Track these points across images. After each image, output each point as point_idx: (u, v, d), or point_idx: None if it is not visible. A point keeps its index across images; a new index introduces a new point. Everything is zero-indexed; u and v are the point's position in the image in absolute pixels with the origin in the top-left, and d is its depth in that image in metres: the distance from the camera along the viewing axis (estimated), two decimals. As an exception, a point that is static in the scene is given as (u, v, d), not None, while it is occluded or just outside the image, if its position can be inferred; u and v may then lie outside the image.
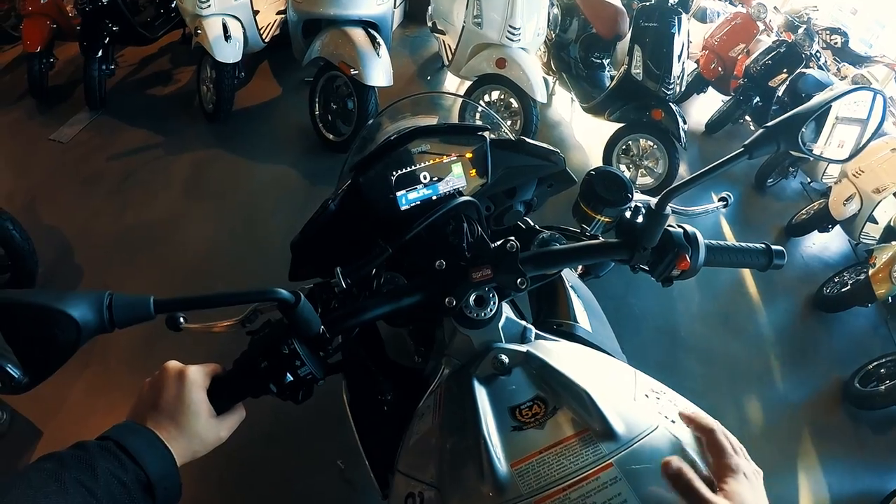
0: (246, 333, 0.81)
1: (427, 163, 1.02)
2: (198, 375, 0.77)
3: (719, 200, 1.02)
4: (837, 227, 3.96)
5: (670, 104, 3.59)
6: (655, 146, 3.75)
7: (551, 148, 1.10)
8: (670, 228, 0.90)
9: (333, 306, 0.87)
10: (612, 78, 4.14)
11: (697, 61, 5.31)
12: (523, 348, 0.83)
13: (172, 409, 0.73)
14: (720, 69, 5.14)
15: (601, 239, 0.96)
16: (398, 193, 1.00)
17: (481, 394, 0.79)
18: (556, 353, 0.85)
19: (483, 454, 0.70)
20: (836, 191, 3.83)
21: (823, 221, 3.97)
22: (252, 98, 4.39)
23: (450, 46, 4.10)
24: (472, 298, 0.86)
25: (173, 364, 0.77)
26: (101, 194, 3.43)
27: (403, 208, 1.00)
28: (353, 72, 3.34)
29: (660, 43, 3.51)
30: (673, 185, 0.85)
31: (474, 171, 1.05)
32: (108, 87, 4.13)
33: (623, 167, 3.94)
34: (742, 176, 4.67)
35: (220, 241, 3.19)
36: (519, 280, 0.86)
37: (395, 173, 0.99)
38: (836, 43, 4.96)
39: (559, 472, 0.68)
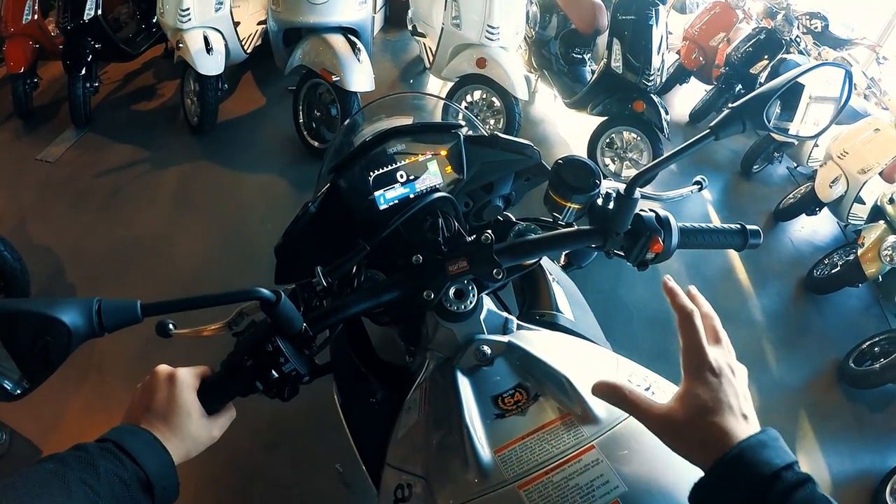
0: (232, 335, 0.83)
1: (403, 162, 1.03)
2: (188, 377, 0.79)
3: (694, 184, 1.04)
4: (825, 209, 3.97)
5: (651, 96, 3.61)
6: (639, 138, 3.77)
7: (525, 142, 1.12)
8: (642, 213, 0.91)
9: (315, 305, 0.88)
10: (593, 72, 4.14)
11: (678, 52, 5.32)
12: (504, 339, 0.85)
13: (165, 411, 0.75)
14: (701, 59, 5.15)
15: (575, 226, 0.97)
16: (376, 193, 1.01)
17: (464, 385, 0.80)
18: (538, 342, 0.86)
19: (466, 443, 0.72)
20: (821, 173, 3.84)
21: (811, 205, 3.98)
22: (237, 109, 4.39)
23: (430, 49, 4.12)
24: (451, 292, 0.88)
25: (163, 367, 0.79)
26: (91, 211, 3.43)
27: (382, 207, 1.01)
28: (334, 78, 3.36)
29: (638, 35, 3.52)
30: (641, 170, 0.87)
31: (450, 167, 1.06)
32: (93, 104, 4.14)
33: (608, 160, 3.96)
34: (728, 163, 4.70)
35: (210, 252, 3.20)
36: (495, 271, 0.88)
37: (372, 173, 1.01)
38: (816, 27, 4.92)
39: (542, 456, 0.70)
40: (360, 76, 3.41)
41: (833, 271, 3.49)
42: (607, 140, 3.91)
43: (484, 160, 1.09)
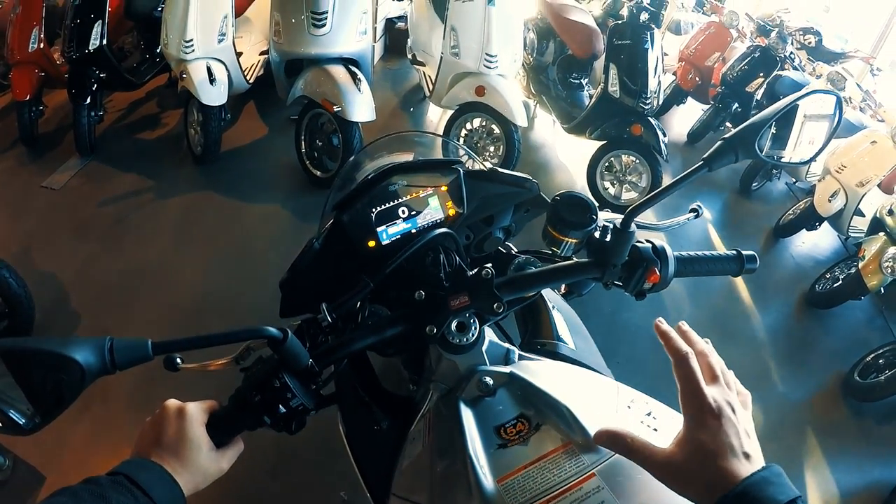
0: (240, 370, 0.85)
1: (405, 198, 1.06)
2: (196, 411, 0.81)
3: (690, 212, 1.07)
4: (825, 223, 3.99)
5: (649, 119, 3.65)
6: (638, 161, 3.80)
7: (523, 175, 1.15)
8: (638, 244, 0.93)
9: (321, 340, 0.90)
10: (591, 97, 4.19)
11: (675, 73, 5.37)
12: (506, 369, 0.87)
13: (175, 445, 0.76)
14: (697, 79, 5.20)
15: (573, 259, 1.00)
16: (379, 229, 1.04)
17: (467, 415, 0.82)
18: (539, 372, 0.88)
19: (470, 472, 0.73)
20: (820, 188, 3.86)
21: (811, 220, 4.00)
22: (239, 138, 4.43)
23: (430, 77, 4.17)
24: (453, 325, 0.90)
25: (172, 402, 0.81)
26: (95, 239, 3.45)
27: (385, 243, 1.04)
28: (336, 108, 3.40)
29: (634, 59, 3.58)
30: (636, 203, 0.89)
31: (451, 202, 1.09)
32: (98, 132, 4.15)
33: (607, 184, 3.99)
34: (726, 181, 4.71)
35: (214, 281, 3.21)
36: (496, 305, 0.90)
37: (375, 210, 1.03)
38: (809, 42, 4.98)
39: (544, 485, 0.71)
40: (361, 106, 3.45)
41: (835, 285, 3.50)
42: (606, 164, 3.93)
43: (484, 194, 1.12)
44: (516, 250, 1.15)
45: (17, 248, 3.30)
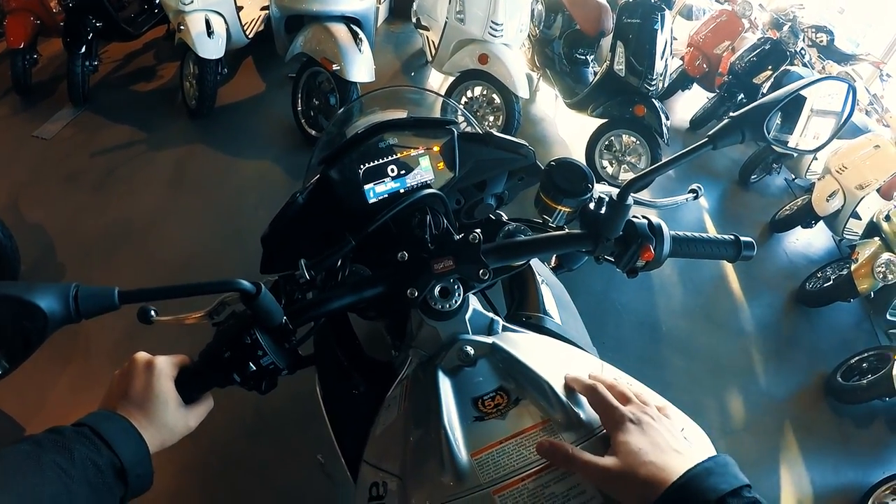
0: (212, 325, 0.82)
1: (395, 156, 1.02)
2: (165, 366, 0.78)
3: (689, 192, 1.03)
4: (821, 222, 3.99)
5: (653, 100, 3.62)
6: (638, 142, 3.78)
7: (520, 141, 1.11)
8: (634, 219, 0.90)
9: (298, 298, 0.87)
10: (595, 74, 4.16)
11: (682, 58, 5.33)
12: (489, 340, 0.84)
13: (141, 399, 0.74)
14: (705, 66, 5.17)
15: (565, 230, 0.96)
16: (366, 186, 1.00)
17: (445, 385, 0.79)
18: (522, 344, 0.85)
19: (444, 444, 0.71)
20: (819, 187, 3.86)
21: (807, 217, 4.01)
22: (235, 94, 4.38)
23: (433, 42, 4.11)
24: (436, 290, 0.86)
25: (142, 355, 0.79)
26: (84, 191, 3.41)
27: (371, 201, 1.00)
28: (334, 67, 3.34)
29: (643, 39, 3.53)
30: (635, 176, 0.86)
31: (442, 164, 1.05)
32: (92, 83, 4.11)
33: (606, 162, 3.97)
34: (725, 171, 4.72)
35: (202, 236, 3.19)
36: (481, 271, 0.86)
37: (363, 166, 0.99)
38: (821, 41, 4.98)
39: (519, 462, 0.68)
40: (360, 66, 3.39)
41: (826, 285, 3.51)
42: (606, 142, 3.91)
43: (477, 158, 1.07)
44: (507, 218, 1.12)
45: (5, 198, 3.27)
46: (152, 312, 0.75)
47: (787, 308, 3.64)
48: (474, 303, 0.91)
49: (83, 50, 3.80)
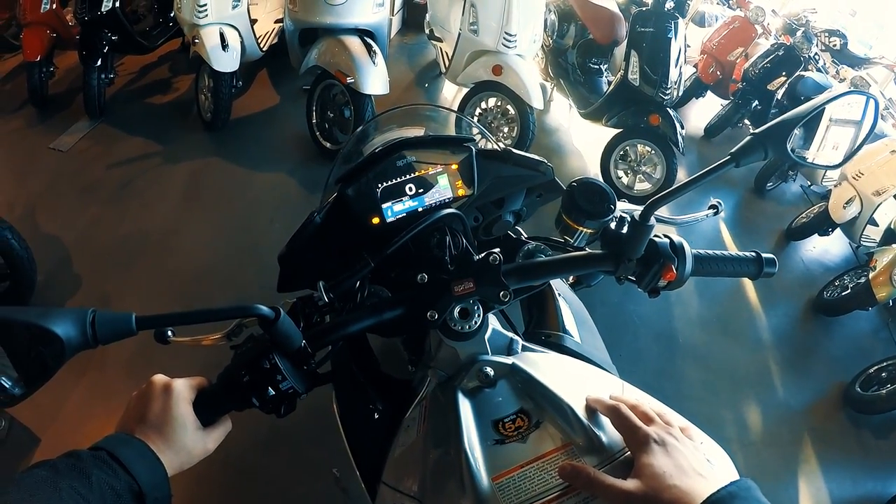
0: (230, 348, 0.81)
1: (413, 174, 1.01)
2: (183, 388, 0.78)
3: (709, 208, 1.02)
4: (838, 230, 3.93)
5: (667, 109, 3.59)
6: (653, 151, 3.75)
7: (538, 158, 1.10)
8: (656, 239, 0.89)
9: (316, 320, 0.86)
10: (609, 83, 4.13)
11: (696, 66, 5.31)
12: (508, 360, 0.83)
13: (160, 422, 0.74)
14: (719, 73, 5.15)
15: (586, 250, 0.95)
16: (384, 205, 1.00)
17: (465, 406, 0.79)
18: (542, 365, 0.84)
19: (464, 467, 0.70)
20: (835, 194, 3.81)
21: (824, 225, 3.95)
22: (250, 106, 4.39)
23: (447, 53, 4.11)
24: (456, 311, 0.86)
25: (160, 378, 0.79)
26: (100, 203, 3.43)
27: (389, 220, 1.00)
28: (349, 80, 3.35)
29: (656, 48, 3.51)
30: (657, 196, 0.85)
31: (461, 182, 1.05)
32: (108, 95, 4.13)
33: (621, 172, 3.93)
34: (741, 180, 4.67)
35: (217, 250, 3.19)
36: (502, 293, 0.86)
37: (380, 185, 0.99)
38: (834, 45, 4.98)
39: (541, 487, 0.67)
40: (374, 79, 3.39)
41: (843, 293, 3.45)
42: (621, 152, 3.88)
43: (496, 175, 1.07)
44: (526, 236, 1.11)
45: (21, 210, 3.30)
46: (169, 333, 0.76)
47: (804, 317, 3.58)
48: (493, 322, 0.90)
49: (99, 63, 3.84)
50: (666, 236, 0.90)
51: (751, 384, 3.08)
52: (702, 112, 5.45)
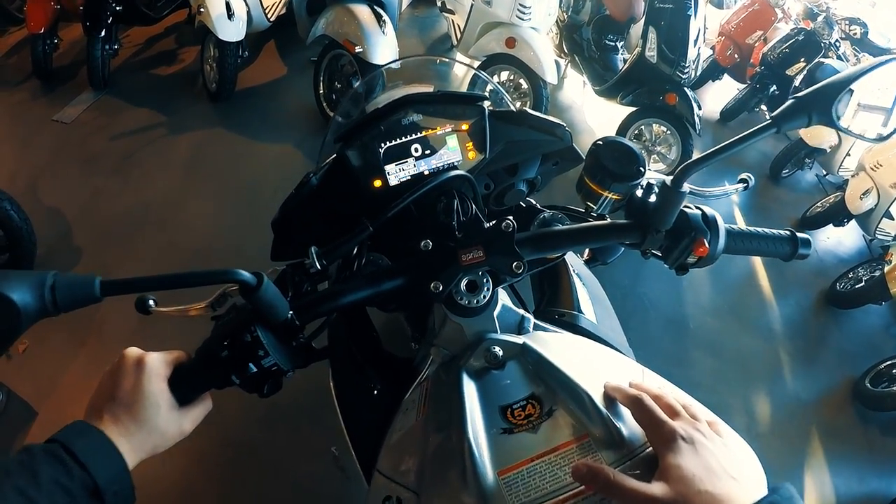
0: (211, 318, 0.74)
1: (419, 134, 0.93)
2: (158, 364, 0.71)
3: (739, 182, 0.93)
4: (853, 221, 3.85)
5: (685, 89, 3.50)
6: (669, 132, 3.66)
7: (556, 121, 1.01)
8: (687, 210, 0.81)
9: (307, 290, 0.79)
10: (625, 61, 4.03)
11: (713, 48, 5.21)
12: (519, 340, 0.75)
13: (130, 401, 0.68)
14: (736, 56, 5.05)
15: (609, 219, 0.87)
16: (387, 167, 0.92)
17: (470, 389, 0.71)
18: (556, 346, 0.77)
19: (467, 459, 0.63)
20: (852, 184, 3.72)
21: (839, 215, 3.87)
22: (257, 77, 4.33)
23: (459, 26, 4.02)
24: (463, 283, 0.78)
25: (132, 351, 0.72)
26: (102, 175, 3.41)
27: (392, 184, 0.92)
28: (357, 50, 3.26)
29: (675, 25, 3.40)
30: (691, 160, 0.77)
31: (471, 144, 0.96)
32: (113, 67, 4.10)
33: (635, 152, 3.83)
34: (756, 165, 4.59)
35: (220, 220, 3.16)
36: (514, 264, 0.78)
37: (383, 145, 0.91)
38: (854, 34, 4.84)
39: (552, 484, 0.60)
40: (383, 49, 3.30)
41: (857, 286, 3.39)
42: (636, 131, 3.79)
43: (510, 139, 0.98)
44: (540, 205, 1.03)
45: (24, 182, 3.29)
46: (151, 303, 0.69)
47: (816, 308, 3.52)
48: (503, 297, 0.82)
49: (103, 34, 3.78)
50: (697, 207, 0.82)
51: (761, 374, 3.05)
52: (718, 95, 5.35)
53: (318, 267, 0.76)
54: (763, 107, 4.88)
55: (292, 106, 4.07)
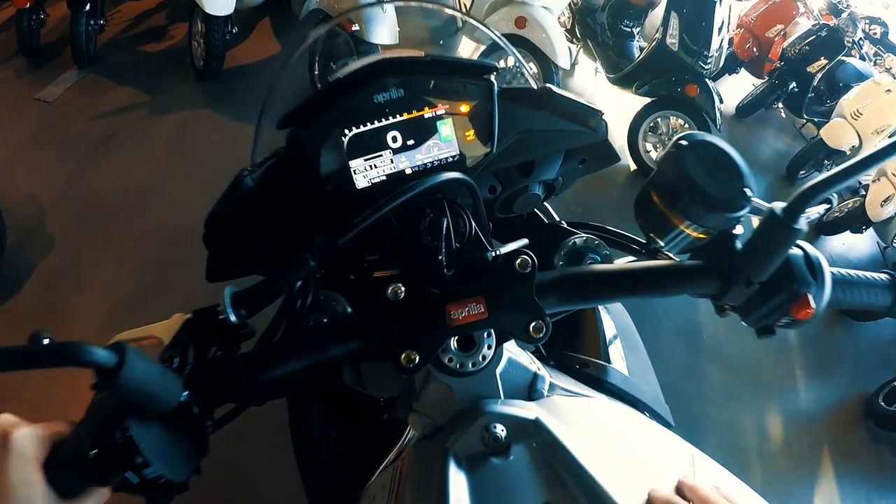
0: (91, 387, 0.50)
1: (399, 117, 0.68)
2: (29, 443, 0.48)
3: (822, 202, 0.67)
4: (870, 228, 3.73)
5: (706, 80, 3.32)
6: (687, 125, 3.46)
7: (591, 105, 0.76)
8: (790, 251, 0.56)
9: (215, 355, 0.56)
10: (641, 49, 3.86)
11: (731, 40, 5.04)
12: (531, 413, 0.53)
13: None
14: (755, 50, 4.94)
15: (672, 259, 0.63)
16: (353, 163, 0.67)
17: (458, 485, 0.49)
18: (580, 422, 0.54)
19: None
20: (873, 190, 3.58)
21: (857, 222, 3.71)
22: (248, 56, 4.16)
23: (465, 4, 3.80)
24: (453, 341, 0.56)
25: (2, 420, 0.49)
26: (81, 158, 3.26)
27: (361, 187, 0.68)
28: (354, 28, 3.03)
29: (700, 12, 3.20)
30: (811, 184, 0.52)
31: (472, 133, 0.70)
32: (100, 44, 3.93)
33: (650, 146, 3.64)
34: (772, 164, 4.47)
35: (198, 211, 2.88)
36: (533, 325, 0.54)
37: (347, 132, 0.67)
38: (874, 33, 4.76)
39: None
40: (381, 27, 3.08)
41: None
42: (651, 123, 3.59)
43: (525, 127, 0.73)
44: (566, 223, 0.78)
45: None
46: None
47: (829, 319, 3.37)
48: (510, 348, 0.59)
49: (87, 8, 3.60)
50: (799, 247, 0.57)
51: (772, 389, 2.95)
52: (733, 90, 5.18)
53: (234, 319, 0.53)
54: (780, 104, 4.76)
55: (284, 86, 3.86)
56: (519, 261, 0.54)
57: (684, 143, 0.58)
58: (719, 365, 2.89)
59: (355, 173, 0.67)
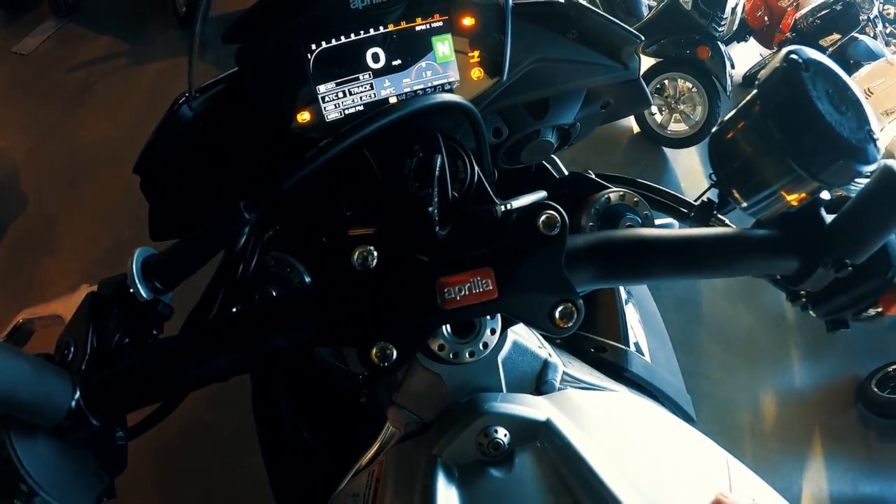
0: None
1: (381, 29, 0.53)
2: None
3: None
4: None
5: (719, 43, 3.19)
6: (695, 89, 3.34)
7: (628, 29, 0.61)
8: None
9: (122, 343, 0.43)
10: (650, 8, 3.71)
11: (743, 6, 4.86)
12: (541, 413, 0.41)
13: None
14: (766, 19, 4.80)
15: (735, 227, 0.48)
16: (321, 88, 0.53)
17: (449, 498, 0.38)
18: (598, 421, 0.42)
19: None
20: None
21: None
22: (238, 1, 3.91)
23: None
24: (447, 327, 0.43)
25: None
26: (57, 111, 3.15)
27: (331, 119, 0.54)
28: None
29: (716, -31, 3.07)
30: None
31: (477, 55, 0.56)
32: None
33: (655, 109, 3.49)
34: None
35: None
36: (560, 308, 0.41)
37: (314, 47, 0.53)
38: (888, 13, 4.61)
39: None
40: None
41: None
42: (658, 85, 3.45)
43: (543, 55, 0.58)
44: (594, 174, 0.62)
45: (-28, 122, 3.08)
46: None
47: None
48: (516, 328, 0.47)
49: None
50: None
51: (768, 366, 2.92)
52: (741, 58, 5.07)
53: (145, 294, 0.40)
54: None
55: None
56: (544, 217, 0.40)
57: (796, 58, 0.43)
58: (717, 340, 2.87)
59: (324, 101, 0.53)
